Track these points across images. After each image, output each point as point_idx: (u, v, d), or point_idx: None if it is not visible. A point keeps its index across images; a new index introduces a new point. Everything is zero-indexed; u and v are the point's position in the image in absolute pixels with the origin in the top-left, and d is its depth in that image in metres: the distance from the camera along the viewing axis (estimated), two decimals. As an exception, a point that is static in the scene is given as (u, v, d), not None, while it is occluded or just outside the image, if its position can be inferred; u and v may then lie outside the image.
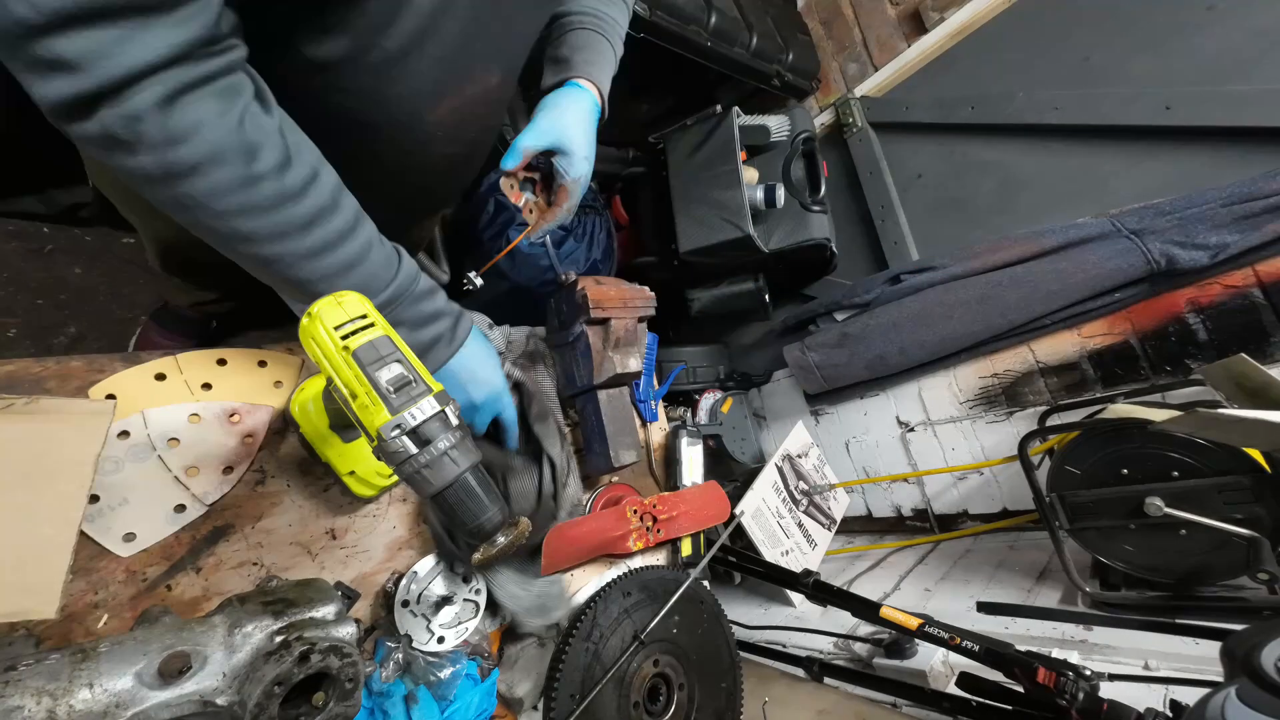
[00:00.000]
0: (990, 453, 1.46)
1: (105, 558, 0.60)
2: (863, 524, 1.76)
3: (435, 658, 0.71)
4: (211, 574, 0.65)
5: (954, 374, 1.52)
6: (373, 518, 0.77)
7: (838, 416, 1.77)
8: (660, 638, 0.85)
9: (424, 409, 0.50)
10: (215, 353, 0.70)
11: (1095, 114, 1.43)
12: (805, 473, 1.58)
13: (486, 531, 0.53)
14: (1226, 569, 0.95)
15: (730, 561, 1.21)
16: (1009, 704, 0.78)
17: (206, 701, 0.42)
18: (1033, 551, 1.31)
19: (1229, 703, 0.49)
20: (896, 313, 1.46)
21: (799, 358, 1.61)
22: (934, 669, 0.96)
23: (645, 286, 1.00)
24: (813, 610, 1.29)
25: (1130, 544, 1.02)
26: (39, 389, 0.61)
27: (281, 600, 0.48)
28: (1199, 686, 0.76)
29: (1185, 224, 1.18)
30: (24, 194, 1.43)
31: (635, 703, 0.80)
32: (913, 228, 1.78)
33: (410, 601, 0.74)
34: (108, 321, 1.49)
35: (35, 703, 0.37)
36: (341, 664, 0.45)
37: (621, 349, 0.92)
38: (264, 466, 0.71)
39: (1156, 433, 0.95)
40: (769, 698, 1.00)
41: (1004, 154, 1.60)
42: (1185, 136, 1.32)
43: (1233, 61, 1.26)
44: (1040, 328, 1.35)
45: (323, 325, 0.51)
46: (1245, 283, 1.14)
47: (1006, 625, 1.06)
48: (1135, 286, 1.24)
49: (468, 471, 0.52)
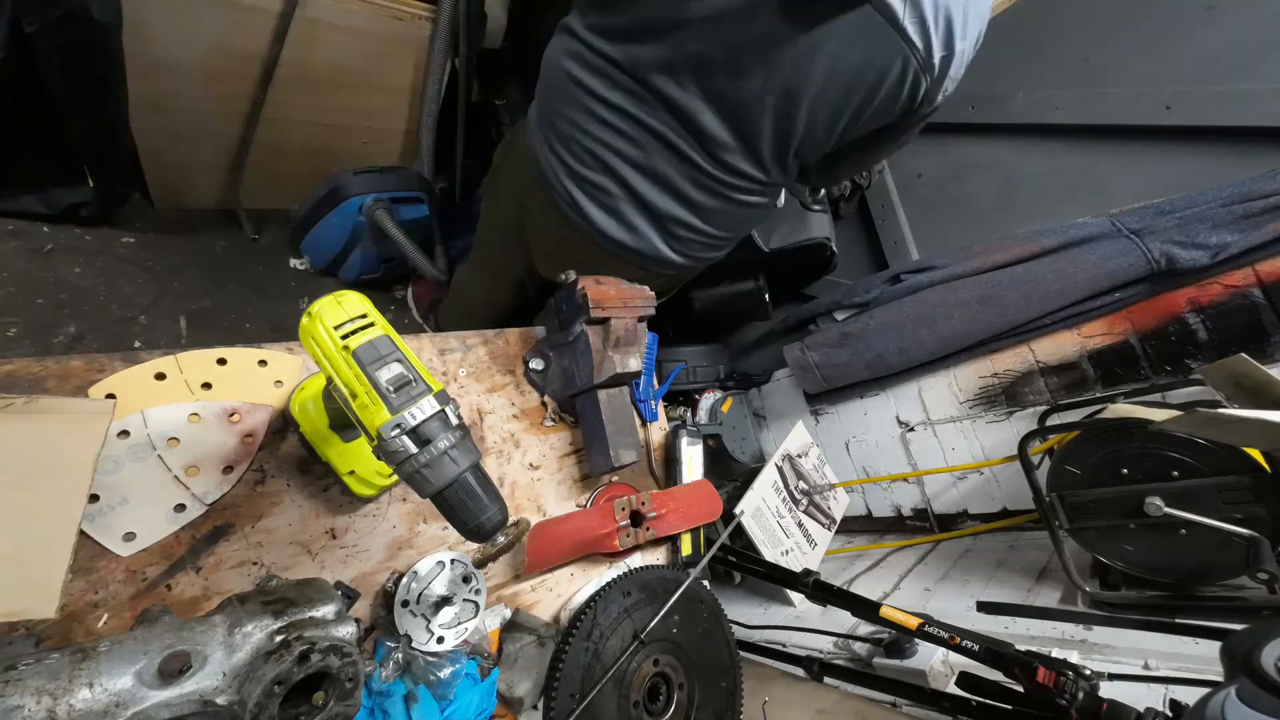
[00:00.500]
0: (990, 452, 1.46)
1: (105, 557, 0.60)
2: (863, 524, 1.76)
3: (435, 657, 0.71)
4: (211, 573, 0.65)
5: (954, 374, 1.52)
6: (373, 517, 0.77)
7: (838, 416, 1.77)
8: (660, 637, 0.85)
9: (424, 408, 0.50)
10: (215, 352, 0.70)
11: (1095, 114, 1.42)
12: (805, 472, 1.58)
13: (487, 531, 0.53)
14: (1226, 569, 0.95)
15: (730, 561, 1.21)
16: (1009, 703, 0.79)
17: (206, 701, 0.42)
18: (1032, 551, 1.31)
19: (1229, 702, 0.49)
20: (897, 312, 1.46)
21: (799, 357, 1.62)
22: (934, 668, 0.96)
23: (645, 286, 1.00)
24: (812, 610, 1.29)
25: (1130, 544, 1.02)
26: (39, 388, 0.61)
27: (281, 600, 0.48)
28: (1199, 686, 0.76)
29: (1185, 224, 1.18)
30: (24, 194, 1.43)
31: (635, 702, 0.80)
32: (913, 228, 1.78)
33: (410, 601, 0.74)
34: (107, 321, 1.49)
35: (35, 702, 0.37)
36: (341, 663, 0.45)
37: (621, 349, 0.92)
38: (264, 466, 0.71)
39: (1156, 432, 0.95)
40: (769, 697, 1.00)
41: (1004, 154, 1.60)
42: (1185, 136, 1.32)
43: (1233, 61, 1.26)
44: (1040, 327, 1.35)
45: (322, 324, 0.51)
46: (1245, 282, 1.14)
47: (1006, 625, 1.07)
48: (1135, 286, 1.24)
49: (468, 471, 0.52)
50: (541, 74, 1.09)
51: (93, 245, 1.55)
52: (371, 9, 1.55)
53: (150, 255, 1.63)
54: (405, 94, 1.78)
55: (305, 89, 1.62)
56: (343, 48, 1.59)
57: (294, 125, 1.69)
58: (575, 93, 1.01)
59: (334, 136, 1.77)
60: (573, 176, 1.06)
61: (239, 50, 1.48)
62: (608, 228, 1.09)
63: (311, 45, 1.53)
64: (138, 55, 1.32)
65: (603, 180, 1.05)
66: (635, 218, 1.08)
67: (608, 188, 1.05)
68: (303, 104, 1.65)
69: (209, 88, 1.51)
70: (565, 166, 1.06)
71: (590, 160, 1.04)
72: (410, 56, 1.70)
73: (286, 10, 1.44)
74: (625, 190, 1.06)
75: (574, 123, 1.03)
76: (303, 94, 1.63)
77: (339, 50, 1.59)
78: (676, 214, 1.08)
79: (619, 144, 1.02)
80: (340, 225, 1.67)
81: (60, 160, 1.39)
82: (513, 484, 0.91)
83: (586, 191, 1.07)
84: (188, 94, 1.50)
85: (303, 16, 1.46)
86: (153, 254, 1.64)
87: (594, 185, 1.06)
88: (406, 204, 1.69)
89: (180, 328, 1.59)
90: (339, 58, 1.61)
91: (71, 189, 1.45)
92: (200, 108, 1.54)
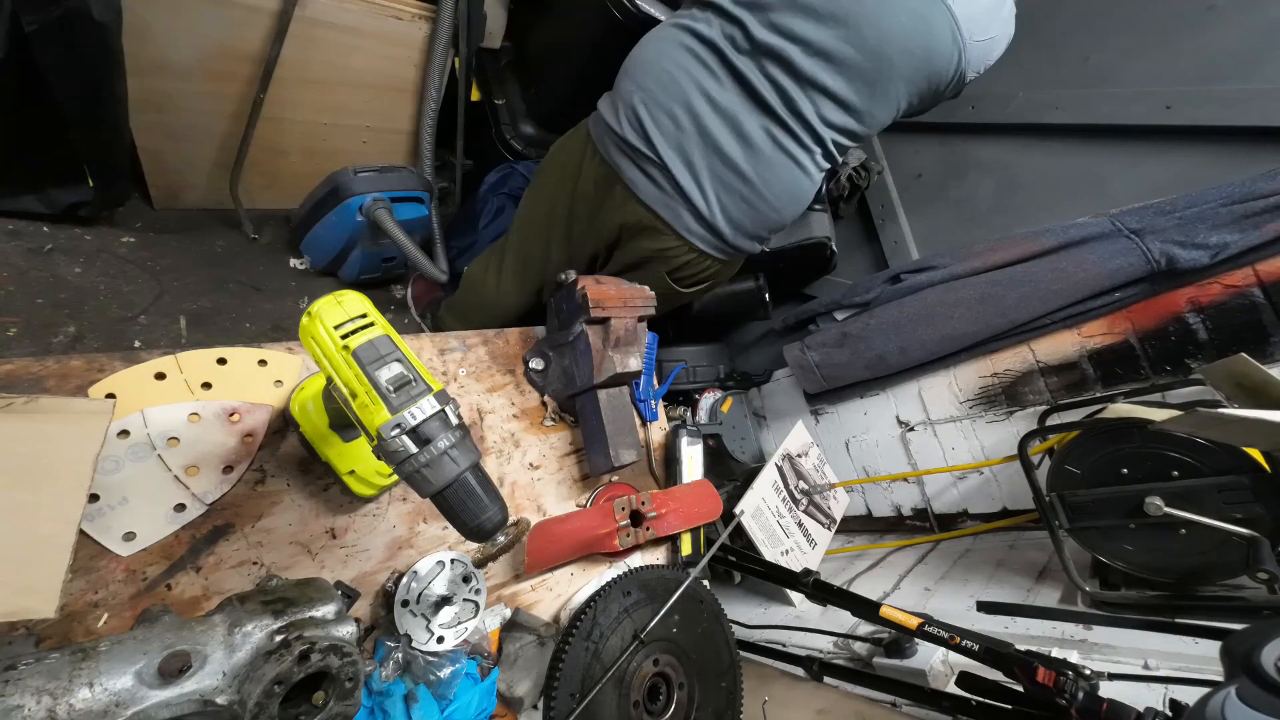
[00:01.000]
0: (990, 452, 1.46)
1: (105, 557, 0.60)
2: (862, 523, 1.76)
3: (435, 657, 0.71)
4: (211, 573, 0.65)
5: (954, 373, 1.52)
6: (373, 517, 0.77)
7: (838, 416, 1.77)
8: (660, 637, 0.85)
9: (424, 408, 0.50)
10: (215, 352, 0.70)
11: (1095, 114, 1.43)
12: (805, 472, 1.58)
13: (486, 531, 0.53)
14: (1226, 568, 0.95)
15: (730, 561, 1.21)
16: (1008, 703, 0.79)
17: (206, 700, 0.42)
18: (1032, 551, 1.31)
19: (1229, 702, 0.49)
20: (897, 312, 1.46)
21: (799, 357, 1.62)
22: (934, 668, 0.96)
23: (645, 286, 1.00)
24: (812, 610, 1.29)
25: (1130, 544, 1.02)
26: (38, 388, 0.61)
27: (281, 599, 0.48)
28: (1199, 686, 0.76)
29: (1185, 223, 1.18)
30: (24, 194, 1.43)
31: (635, 702, 0.80)
32: (913, 228, 1.78)
33: (410, 601, 0.74)
34: (107, 321, 1.49)
35: (35, 702, 0.37)
36: (341, 663, 0.45)
37: (621, 348, 0.92)
38: (264, 466, 0.71)
39: (1156, 432, 0.95)
40: (769, 697, 1.00)
41: (1004, 154, 1.60)
42: (1185, 136, 1.32)
43: (1233, 61, 1.26)
44: (1040, 327, 1.35)
45: (322, 324, 0.51)
46: (1245, 282, 1.14)
47: (1006, 625, 1.07)
48: (1135, 286, 1.24)
49: (468, 471, 0.52)
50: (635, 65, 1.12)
51: (92, 245, 1.55)
52: (371, 9, 1.55)
53: (150, 255, 1.63)
54: (405, 94, 1.78)
55: (305, 89, 1.62)
56: (342, 48, 1.59)
57: (293, 125, 1.69)
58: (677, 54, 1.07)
59: (334, 136, 1.77)
60: (646, 103, 1.08)
61: (239, 50, 1.48)
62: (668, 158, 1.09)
63: (311, 45, 1.53)
64: (138, 55, 1.31)
65: (674, 107, 1.06)
66: (695, 160, 1.09)
67: (677, 114, 1.07)
68: (302, 104, 1.65)
69: (209, 87, 1.51)
70: (639, 104, 1.08)
71: (668, 82, 1.07)
72: (410, 56, 1.70)
73: (286, 10, 1.44)
74: (693, 121, 1.07)
75: (663, 67, 1.08)
76: (302, 94, 1.63)
77: (339, 50, 1.59)
78: (734, 158, 1.08)
79: (698, 72, 1.06)
80: (340, 225, 1.66)
81: (60, 160, 1.39)
82: (513, 484, 0.91)
83: (655, 118, 1.07)
84: (187, 94, 1.50)
85: (302, 16, 1.46)
86: (152, 254, 1.63)
87: (664, 111, 1.07)
88: (406, 204, 1.69)
89: (180, 327, 1.59)
90: (339, 58, 1.60)
91: (71, 189, 1.45)
92: (200, 107, 1.54)
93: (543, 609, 0.89)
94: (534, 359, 0.97)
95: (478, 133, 1.98)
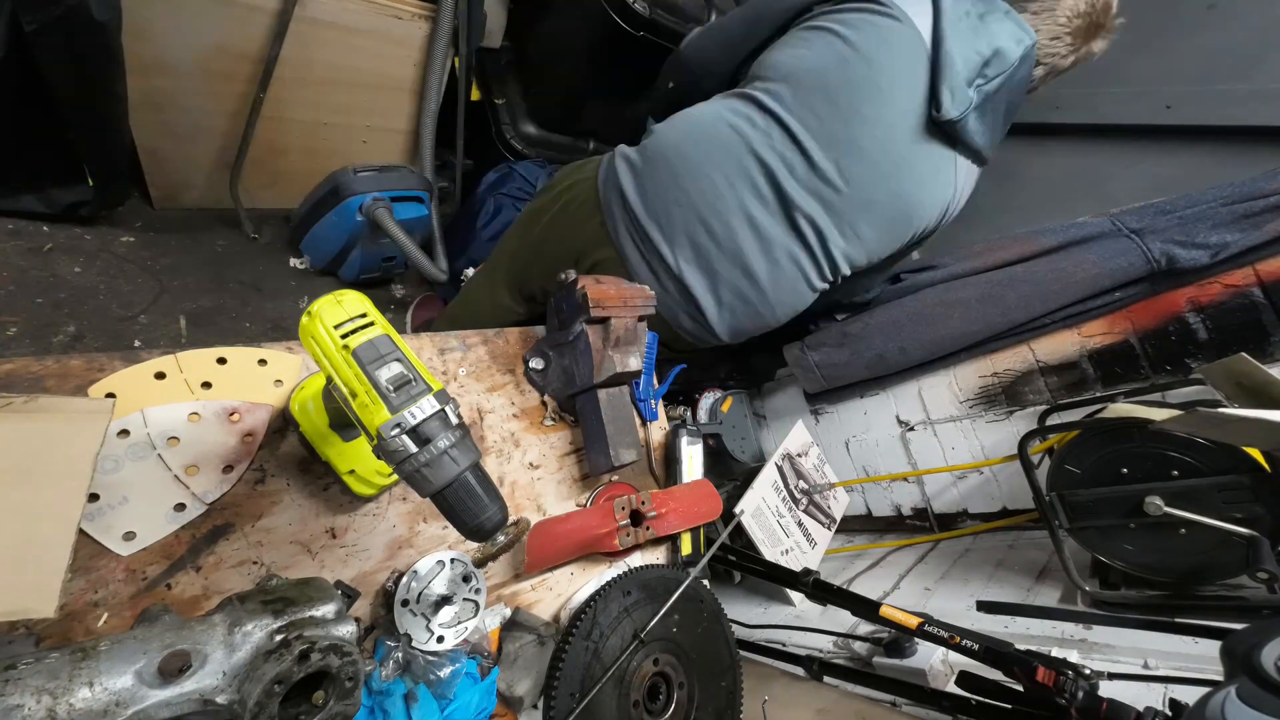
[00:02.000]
0: (990, 452, 1.46)
1: (105, 556, 0.60)
2: (862, 523, 1.76)
3: (435, 656, 0.71)
4: (211, 573, 0.65)
5: (954, 373, 1.52)
6: (373, 517, 0.77)
7: (838, 415, 1.77)
8: (660, 637, 0.85)
9: (424, 408, 0.50)
10: (215, 351, 0.70)
11: (1095, 114, 1.43)
12: (805, 472, 1.58)
13: (487, 530, 0.53)
14: (1226, 568, 0.95)
15: (730, 560, 1.21)
16: (1008, 703, 0.79)
17: (206, 700, 0.42)
18: (1032, 551, 1.31)
19: (1229, 702, 0.49)
20: (897, 312, 1.46)
21: (799, 357, 1.61)
22: (933, 668, 0.96)
23: (645, 285, 1.00)
24: (812, 609, 1.29)
25: (1130, 543, 1.02)
26: (38, 387, 0.61)
27: (281, 599, 0.48)
28: (1199, 686, 0.76)
29: (1186, 223, 1.18)
30: (24, 193, 1.43)
31: (635, 701, 0.80)
32: (913, 227, 1.77)
33: (410, 601, 0.74)
34: (107, 320, 1.49)
35: (35, 701, 0.37)
36: (341, 663, 0.45)
37: (621, 348, 0.92)
38: (264, 465, 0.71)
39: (1156, 432, 0.95)
40: (769, 696, 1.00)
41: (1004, 153, 1.59)
42: (1185, 136, 1.32)
43: (1233, 61, 1.26)
44: (1040, 327, 1.35)
45: (322, 324, 0.51)
46: (1245, 282, 1.14)
47: (1006, 624, 1.07)
48: (1135, 285, 1.24)
49: (468, 470, 0.52)
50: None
51: (92, 245, 1.55)
52: (371, 8, 1.55)
53: (150, 254, 1.63)
54: (405, 94, 1.78)
55: (305, 88, 1.62)
56: (342, 47, 1.59)
57: (293, 124, 1.69)
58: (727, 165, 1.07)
59: (334, 136, 1.77)
60: (680, 203, 1.07)
61: (238, 49, 1.48)
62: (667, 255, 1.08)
63: (311, 44, 1.53)
64: (138, 54, 1.32)
65: (712, 221, 1.06)
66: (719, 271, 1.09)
67: (713, 228, 1.07)
68: (302, 103, 1.65)
69: (208, 87, 1.51)
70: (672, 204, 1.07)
71: (713, 197, 1.06)
72: (410, 56, 1.70)
73: (286, 9, 1.43)
74: (729, 236, 1.07)
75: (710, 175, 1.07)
76: (302, 93, 1.63)
77: (339, 50, 1.59)
78: (758, 274, 1.09)
79: (745, 193, 1.06)
80: (340, 224, 1.66)
81: (60, 160, 1.39)
82: (513, 483, 0.91)
83: (687, 225, 1.07)
84: (187, 93, 1.50)
85: (302, 16, 1.46)
86: (152, 253, 1.64)
87: (699, 220, 1.06)
88: (406, 203, 1.69)
89: (180, 327, 1.59)
90: (339, 57, 1.60)
91: (71, 188, 1.45)
92: (200, 107, 1.54)
93: (543, 608, 0.89)
94: (534, 359, 0.97)
95: (478, 132, 1.99)
